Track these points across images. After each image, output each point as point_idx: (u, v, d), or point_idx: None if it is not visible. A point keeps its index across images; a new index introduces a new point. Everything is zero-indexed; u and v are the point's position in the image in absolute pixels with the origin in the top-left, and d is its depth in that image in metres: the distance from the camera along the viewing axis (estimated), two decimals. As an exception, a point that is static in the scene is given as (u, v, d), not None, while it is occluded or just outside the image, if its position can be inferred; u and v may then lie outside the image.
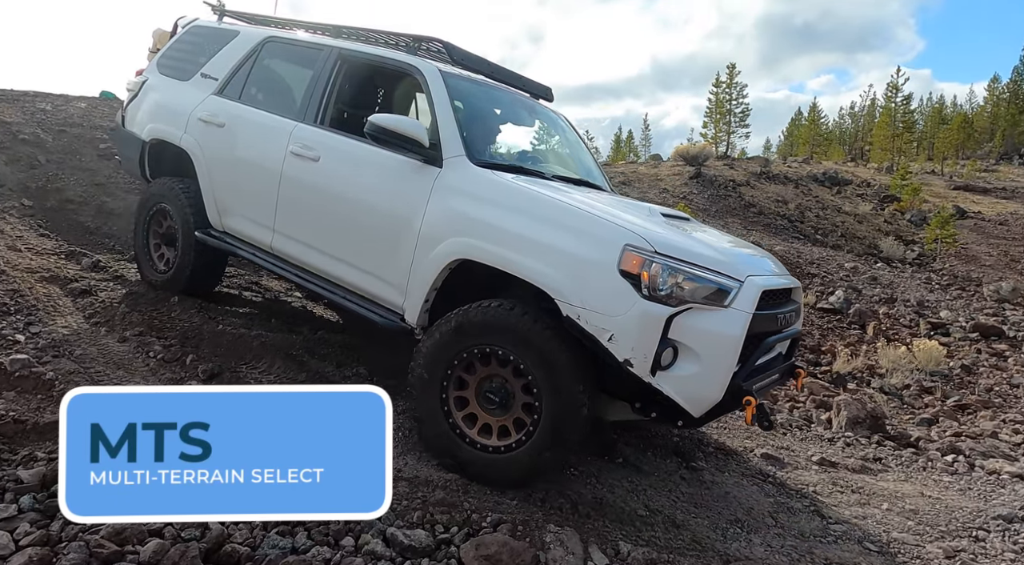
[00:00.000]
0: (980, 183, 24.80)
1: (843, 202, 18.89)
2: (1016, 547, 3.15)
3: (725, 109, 25.38)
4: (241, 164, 3.86)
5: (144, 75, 4.65)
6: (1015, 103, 49.29)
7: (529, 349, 2.62)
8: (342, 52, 3.74)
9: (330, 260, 3.42)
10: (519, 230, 2.76)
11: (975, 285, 12.62)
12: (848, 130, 57.73)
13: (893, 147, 28.66)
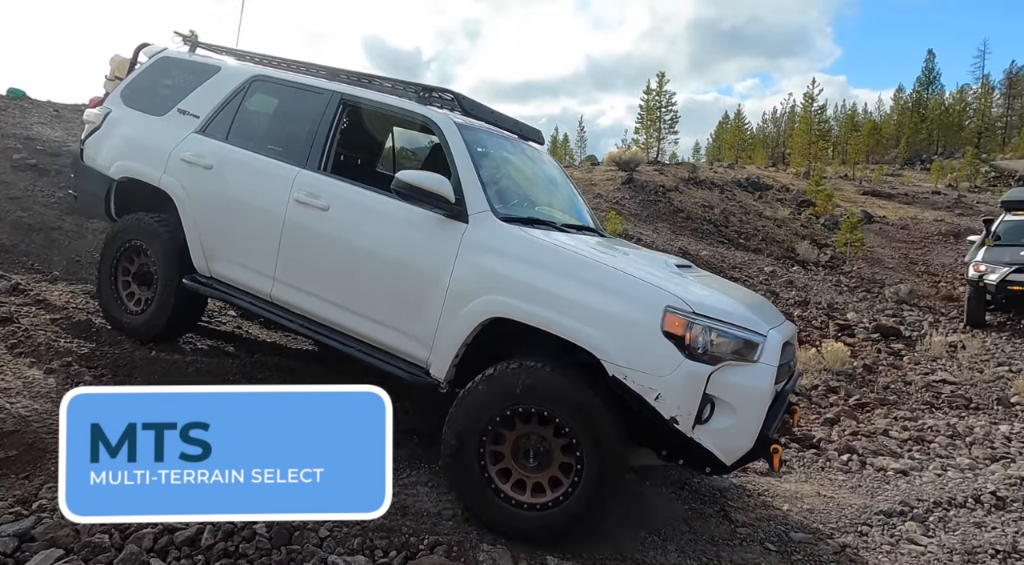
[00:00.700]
0: (886, 188, 26.73)
1: (764, 207, 19.99)
2: (892, 540, 3.59)
3: (656, 116, 26.41)
4: (234, 210, 3.72)
5: (106, 106, 4.37)
6: (917, 112, 53.18)
7: (573, 409, 2.70)
8: (345, 97, 3.67)
9: (342, 311, 3.35)
10: (557, 289, 2.83)
11: (879, 287, 13.69)
12: (770, 135, 60.78)
13: (810, 153, 30.46)
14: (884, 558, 3.40)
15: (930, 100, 54.86)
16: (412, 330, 3.15)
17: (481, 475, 2.82)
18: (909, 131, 49.77)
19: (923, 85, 55.57)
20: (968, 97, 56.60)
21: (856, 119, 55.30)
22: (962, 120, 54.58)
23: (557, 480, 2.78)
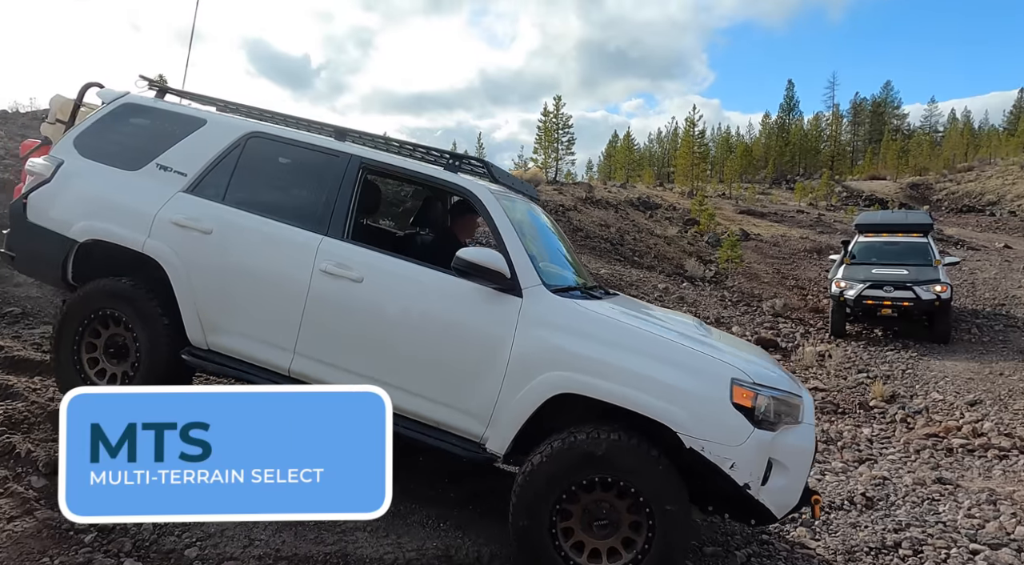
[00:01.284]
0: (759, 207, 29.28)
1: (655, 225, 21.26)
2: (788, 546, 4.03)
3: (553, 137, 27.43)
4: (242, 279, 3.46)
5: (55, 156, 3.82)
6: (781, 136, 58.79)
7: (645, 476, 2.80)
8: (365, 161, 3.54)
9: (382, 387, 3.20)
10: (629, 365, 2.91)
11: (757, 301, 14.98)
12: (656, 154, 64.76)
13: (692, 174, 32.83)
14: (783, 564, 3.82)
15: (792, 125, 60.88)
16: (465, 405, 3.11)
17: (556, 551, 2.86)
18: (775, 153, 54.92)
19: (785, 112, 61.65)
20: (822, 124, 63.41)
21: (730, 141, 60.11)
22: (818, 144, 61.04)
23: (630, 540, 2.87)
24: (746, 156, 44.05)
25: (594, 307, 3.24)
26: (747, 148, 49.83)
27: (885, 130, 64.30)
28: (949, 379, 9.48)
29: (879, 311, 11.59)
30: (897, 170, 51.04)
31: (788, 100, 62.10)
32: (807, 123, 62.81)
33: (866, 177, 51.62)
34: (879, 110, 67.58)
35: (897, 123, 68.20)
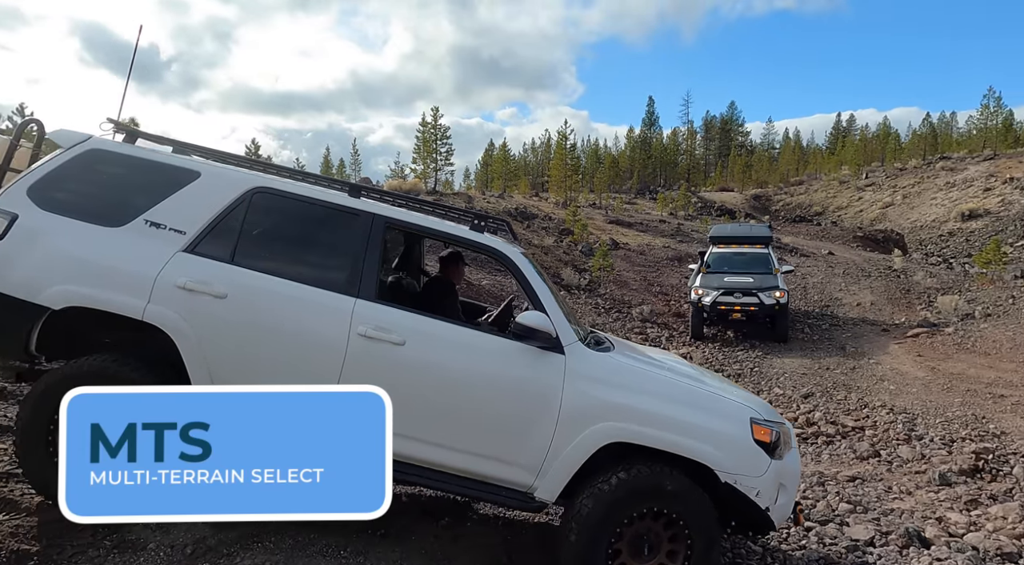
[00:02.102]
0: (626, 217, 31.24)
1: (532, 235, 22.04)
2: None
3: (432, 147, 27.54)
4: (266, 346, 3.28)
5: (5, 208, 3.30)
6: (644, 149, 63.10)
7: (690, 506, 3.22)
8: (390, 221, 3.51)
9: (427, 447, 3.27)
10: (665, 412, 3.29)
11: (627, 307, 16.09)
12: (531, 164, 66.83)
13: (566, 185, 34.37)
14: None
15: (653, 139, 65.57)
16: (515, 458, 3.27)
17: None
18: (639, 165, 58.81)
19: (647, 126, 66.30)
20: (679, 138, 68.87)
21: (599, 153, 63.49)
22: (676, 157, 66.22)
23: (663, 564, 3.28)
24: (614, 167, 46.81)
25: (620, 359, 3.59)
26: (614, 160, 52.96)
27: (732, 146, 71.17)
28: (787, 375, 10.84)
29: (731, 315, 12.96)
30: (743, 183, 56.67)
31: (649, 115, 66.94)
32: (666, 137, 68.03)
33: (717, 189, 56.82)
34: (727, 127, 74.63)
35: (741, 139, 75.76)
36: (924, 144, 57.04)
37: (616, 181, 47.51)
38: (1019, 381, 10.77)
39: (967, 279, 20.93)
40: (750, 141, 77.67)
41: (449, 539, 4.06)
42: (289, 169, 3.77)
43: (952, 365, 11.90)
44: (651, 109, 67.71)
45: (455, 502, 4.57)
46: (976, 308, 15.56)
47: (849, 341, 13.77)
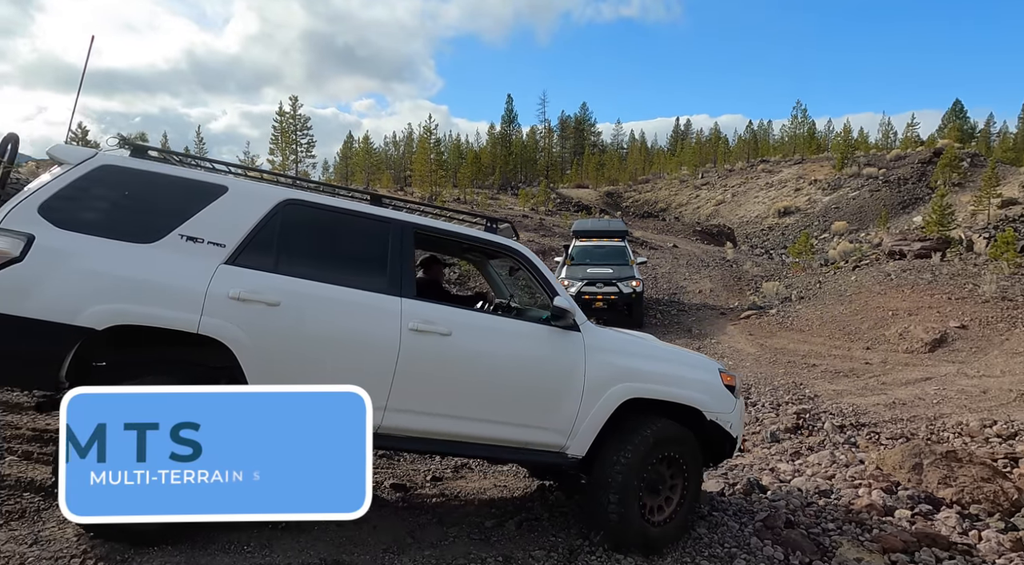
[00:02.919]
0: (491, 212, 32.01)
1: (400, 230, 21.90)
2: (564, 510, 4.92)
3: (291, 138, 26.16)
4: (325, 348, 3.46)
5: (17, 229, 3.09)
6: (505, 146, 64.64)
7: (688, 449, 4.08)
8: (419, 227, 3.85)
9: (472, 423, 3.70)
10: (664, 371, 4.16)
11: (497, 299, 16.65)
12: (393, 157, 65.75)
13: (431, 180, 34.39)
14: (547, 525, 4.67)
15: (513, 137, 67.37)
16: (549, 423, 3.82)
17: (640, 515, 3.90)
18: (501, 162, 60.16)
19: (507, 123, 67.94)
20: (538, 136, 71.43)
21: (461, 148, 64.03)
22: (535, 155, 68.59)
23: (670, 498, 4.07)
24: (476, 163, 47.53)
25: (615, 332, 4.40)
26: (477, 156, 53.74)
27: (586, 145, 75.11)
28: (645, 356, 11.90)
29: (594, 304, 13.93)
30: (596, 180, 60.15)
31: (508, 113, 68.63)
32: (525, 135, 70.21)
33: (573, 186, 59.82)
34: (580, 127, 78.60)
35: (594, 139, 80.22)
36: (748, 148, 64.23)
37: (479, 177, 48.31)
38: (826, 352, 12.76)
39: (784, 268, 24.12)
40: (602, 141, 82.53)
41: (352, 525, 4.16)
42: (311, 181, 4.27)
43: (776, 341, 13.78)
44: (510, 107, 69.46)
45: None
46: (792, 292, 18.05)
47: (694, 324, 15.38)
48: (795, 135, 62.95)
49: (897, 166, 43.54)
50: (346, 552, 3.73)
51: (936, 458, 5.81)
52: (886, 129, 66.92)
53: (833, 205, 40.78)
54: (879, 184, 41.44)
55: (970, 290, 15.18)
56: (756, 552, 4.26)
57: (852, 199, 40.76)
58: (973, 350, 12.14)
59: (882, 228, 31.94)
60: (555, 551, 4.00)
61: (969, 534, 4.77)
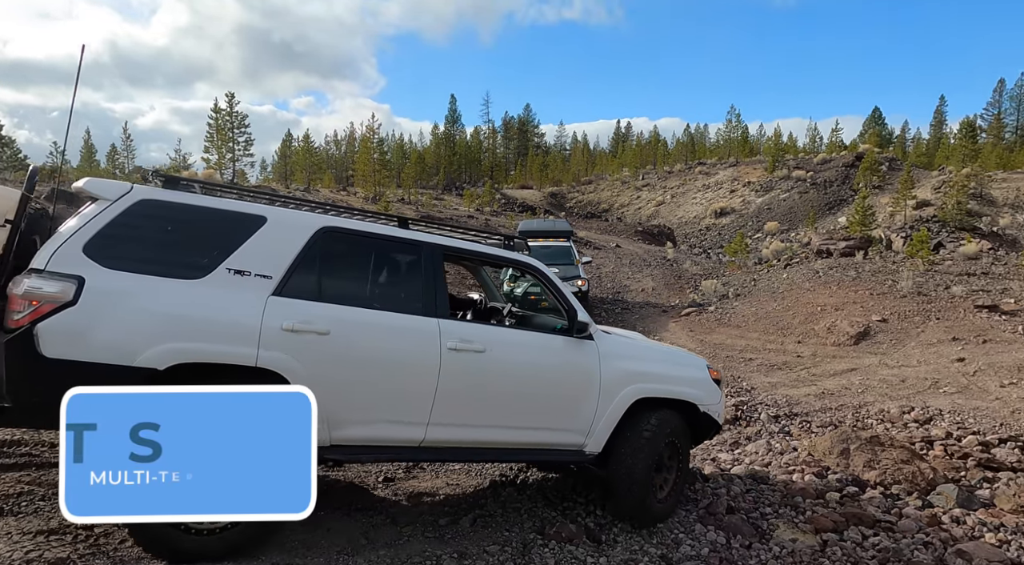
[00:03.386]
0: (436, 212, 31.84)
1: (343, 231, 21.53)
2: (517, 505, 4.99)
3: (227, 136, 25.21)
4: (370, 371, 3.59)
5: (63, 270, 3.02)
6: (449, 147, 64.42)
7: (683, 435, 4.66)
8: (447, 249, 4.04)
9: (504, 430, 3.99)
10: (665, 371, 4.67)
11: (444, 300, 16.61)
12: (335, 156, 64.43)
13: (374, 180, 33.88)
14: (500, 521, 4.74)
15: (457, 137, 67.22)
16: (570, 425, 4.17)
17: (653, 497, 4.45)
18: (445, 162, 59.93)
19: (450, 123, 67.73)
20: (481, 137, 71.51)
21: (405, 148, 63.40)
22: (479, 156, 68.65)
23: (667, 478, 4.60)
24: (420, 163, 47.18)
25: (620, 338, 4.84)
26: (421, 156, 53.32)
27: (529, 146, 75.67)
28: (591, 353, 12.14)
29: (540, 304, 14.08)
30: (540, 181, 60.71)
31: (452, 113, 68.45)
32: (469, 136, 70.17)
33: (518, 186, 60.17)
34: (524, 128, 79.13)
35: (537, 140, 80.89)
36: (686, 151, 66.24)
37: (423, 177, 47.97)
38: (761, 347, 13.36)
39: (721, 266, 25.06)
40: (545, 142, 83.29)
41: (304, 527, 4.11)
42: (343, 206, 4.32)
43: (715, 337, 14.32)
44: (454, 107, 69.30)
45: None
46: (729, 290, 18.79)
47: (638, 321, 15.78)
48: (730, 139, 65.37)
49: (823, 169, 45.87)
50: (299, 555, 3.69)
51: (861, 443, 6.21)
52: (813, 134, 70.53)
53: (766, 206, 42.59)
54: (807, 186, 43.55)
55: (890, 286, 16.20)
56: (700, 537, 4.46)
57: (783, 200, 42.67)
58: (893, 342, 12.97)
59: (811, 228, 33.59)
60: (509, 545, 4.08)
61: (891, 512, 5.13)
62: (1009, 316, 13.38)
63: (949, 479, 5.91)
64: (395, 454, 4.00)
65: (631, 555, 4.12)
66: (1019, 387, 9.06)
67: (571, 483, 5.40)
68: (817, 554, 4.31)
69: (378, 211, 5.32)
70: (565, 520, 4.55)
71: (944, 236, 23.93)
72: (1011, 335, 12.19)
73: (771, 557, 4.23)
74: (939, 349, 11.82)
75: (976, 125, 51.88)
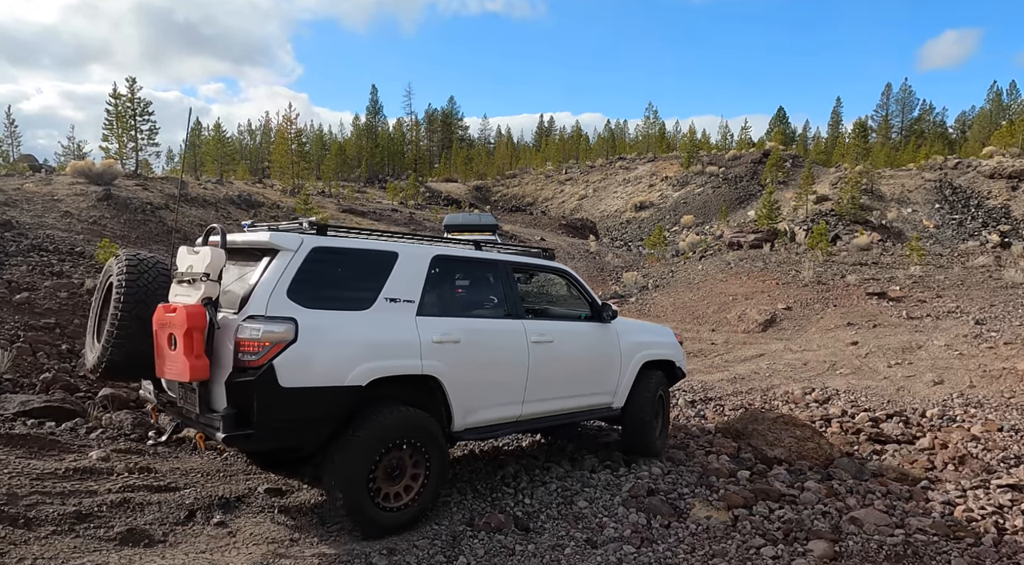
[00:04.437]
0: (359, 206, 31.11)
1: (260, 225, 20.69)
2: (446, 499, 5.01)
3: (128, 124, 23.45)
4: (487, 367, 4.59)
5: (279, 314, 3.64)
6: (371, 138, 63.01)
7: (667, 388, 6.24)
8: (514, 264, 5.17)
9: (565, 400, 5.20)
10: (655, 340, 6.17)
11: (368, 295, 16.32)
12: (249, 146, 61.55)
13: (292, 172, 32.65)
14: (430, 513, 4.76)
15: (379, 128, 65.83)
16: (603, 388, 5.54)
17: (655, 437, 5.95)
18: (367, 154, 58.55)
19: (372, 114, 66.27)
20: (404, 129, 70.40)
21: (324, 139, 61.41)
22: (403, 148, 67.57)
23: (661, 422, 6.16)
24: (341, 155, 45.89)
25: (623, 318, 5.96)
26: (341, 147, 51.83)
27: (453, 139, 75.21)
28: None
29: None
30: (465, 174, 60.54)
31: (373, 104, 66.94)
32: (392, 127, 68.90)
33: (442, 179, 59.75)
34: (448, 120, 78.58)
35: (461, 133, 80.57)
36: (607, 146, 67.93)
37: (344, 169, 46.68)
38: (678, 335, 13.97)
39: (641, 259, 25.95)
40: (469, 135, 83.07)
41: (228, 533, 3.99)
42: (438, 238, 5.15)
43: (635, 327, 14.82)
44: (375, 97, 67.98)
45: (226, 499, 4.45)
46: (649, 281, 19.51)
47: (562, 314, 16.11)
48: (648, 134, 67.62)
49: (734, 165, 48.30)
50: (223, 561, 3.59)
51: (768, 423, 6.66)
52: (725, 131, 74.01)
53: (682, 200, 44.38)
54: (720, 181, 45.73)
55: (793, 276, 17.34)
56: (623, 520, 4.66)
57: (698, 195, 44.61)
58: (796, 328, 13.91)
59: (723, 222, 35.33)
60: (439, 538, 4.11)
61: (795, 486, 5.55)
62: (895, 302, 14.64)
63: (844, 453, 6.45)
64: (504, 430, 4.87)
65: (558, 541, 4.26)
66: (903, 367, 9.96)
67: (500, 475, 5.50)
68: (729, 529, 4.60)
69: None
70: (494, 510, 4.63)
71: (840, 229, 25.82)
72: (897, 319, 13.34)
73: (688, 534, 4.48)
74: (836, 334, 12.78)
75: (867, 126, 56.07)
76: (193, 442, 5.45)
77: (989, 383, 8.71)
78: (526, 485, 5.22)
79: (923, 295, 14.73)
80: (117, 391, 6.50)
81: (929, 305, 13.95)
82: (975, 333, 11.13)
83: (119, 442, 5.42)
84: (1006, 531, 4.74)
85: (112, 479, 4.55)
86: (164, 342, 3.66)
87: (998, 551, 4.39)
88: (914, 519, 4.82)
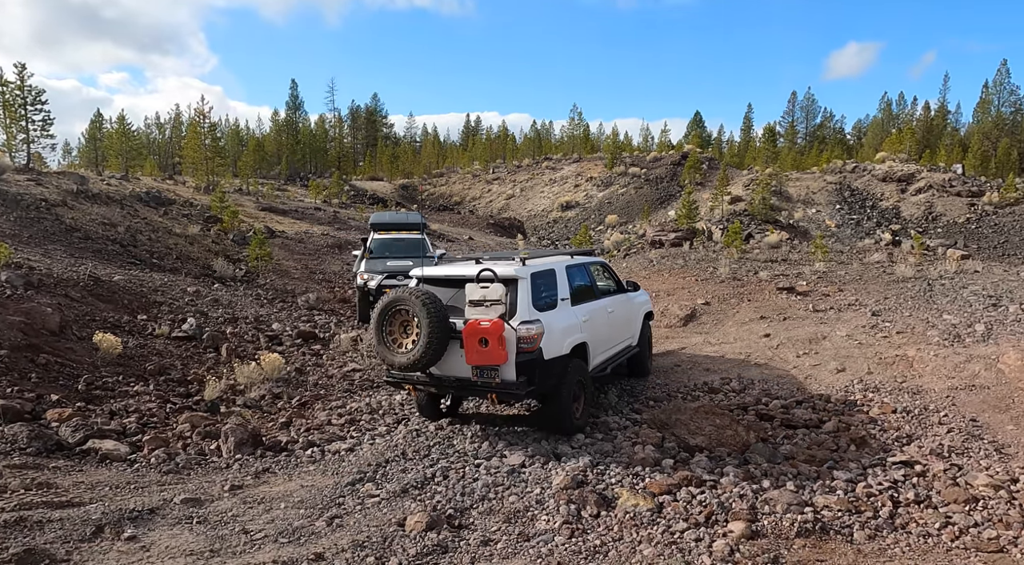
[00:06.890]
0: (279, 204, 29.97)
1: (172, 223, 19.54)
2: (360, 502, 4.90)
3: (18, 114, 21.41)
4: (599, 330, 7.49)
5: (533, 319, 6.23)
6: (291, 134, 60.85)
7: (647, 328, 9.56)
8: (590, 262, 8.16)
9: (619, 344, 8.35)
10: (645, 299, 9.51)
11: (292, 296, 15.73)
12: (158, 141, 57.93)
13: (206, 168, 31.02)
14: (359, 517, 4.66)
15: (300, 124, 63.66)
16: (632, 333, 8.87)
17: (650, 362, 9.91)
18: (288, 151, 56.52)
19: (292, 110, 63.93)
20: (327, 125, 68.42)
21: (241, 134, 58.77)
22: (325, 145, 65.61)
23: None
24: (259, 151, 44.04)
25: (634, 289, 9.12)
26: (260, 143, 49.74)
27: (379, 137, 73.79)
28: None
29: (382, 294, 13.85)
30: (391, 172, 59.55)
31: (293, 99, 64.58)
32: (314, 124, 66.79)
33: (367, 178, 58.51)
34: (372, 118, 77.00)
35: (387, 131, 79.18)
36: (533, 146, 68.64)
37: (263, 166, 44.84)
38: (604, 331, 14.30)
39: (568, 257, 26.31)
40: (395, 133, 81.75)
41: (142, 546, 3.75)
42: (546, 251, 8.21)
43: (563, 324, 15.04)
44: (295, 92, 65.45)
45: (137, 512, 4.18)
46: (575, 279, 19.83)
47: (491, 312, 16.13)
48: (573, 136, 68.80)
49: (655, 167, 50.00)
50: (134, 580, 3.38)
51: (690, 413, 6.94)
52: (646, 134, 76.45)
53: (606, 200, 45.50)
54: (642, 182, 47.21)
55: (711, 272, 18.14)
56: (554, 512, 4.73)
57: (621, 195, 45.87)
58: (714, 322, 14.58)
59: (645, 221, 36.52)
60: (369, 541, 4.04)
61: (715, 472, 5.81)
62: (802, 296, 15.61)
63: (760, 439, 6.81)
64: (603, 366, 7.65)
65: (490, 536, 4.27)
66: (810, 356, 10.65)
67: (431, 473, 5.45)
68: (655, 515, 4.77)
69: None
70: (426, 509, 4.59)
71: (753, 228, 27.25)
72: (804, 312, 14.24)
73: (615, 522, 4.61)
74: (751, 327, 13.49)
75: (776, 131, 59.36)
76: (101, 453, 5.10)
77: (884, 369, 9.45)
78: (456, 482, 5.20)
79: (827, 289, 15.78)
80: (9, 402, 5.97)
81: (832, 298, 14.96)
82: (872, 324, 12.04)
83: (13, 457, 4.99)
84: (900, 504, 5.15)
85: (5, 498, 4.18)
86: (475, 344, 5.80)
87: (893, 522, 4.77)
88: (821, 497, 5.16)
